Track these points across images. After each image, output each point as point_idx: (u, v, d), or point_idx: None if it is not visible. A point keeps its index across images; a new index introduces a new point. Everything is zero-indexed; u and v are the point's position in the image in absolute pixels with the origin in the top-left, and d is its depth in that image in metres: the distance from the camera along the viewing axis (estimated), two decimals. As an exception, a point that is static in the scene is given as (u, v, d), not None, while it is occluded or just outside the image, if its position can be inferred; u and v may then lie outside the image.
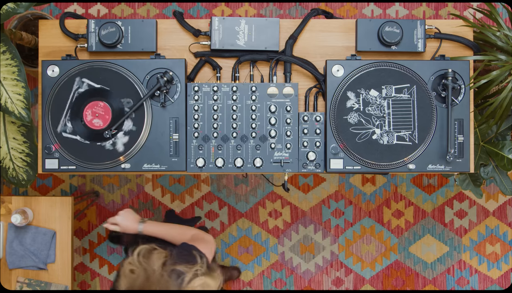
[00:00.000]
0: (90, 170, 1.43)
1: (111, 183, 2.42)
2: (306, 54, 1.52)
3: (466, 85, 1.45)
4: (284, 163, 1.44)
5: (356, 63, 1.44)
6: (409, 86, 1.43)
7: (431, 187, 2.46)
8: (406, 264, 2.47)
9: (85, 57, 1.50)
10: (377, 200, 2.45)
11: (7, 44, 1.44)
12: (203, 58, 1.50)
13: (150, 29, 1.47)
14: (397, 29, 1.45)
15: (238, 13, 2.45)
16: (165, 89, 1.40)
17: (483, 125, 1.69)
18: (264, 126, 1.44)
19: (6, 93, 1.44)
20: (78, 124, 1.42)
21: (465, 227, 2.46)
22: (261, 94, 1.43)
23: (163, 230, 1.42)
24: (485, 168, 1.76)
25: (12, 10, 1.43)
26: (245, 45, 1.48)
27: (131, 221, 1.43)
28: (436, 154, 1.44)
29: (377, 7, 2.46)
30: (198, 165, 1.43)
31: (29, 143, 1.60)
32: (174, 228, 1.44)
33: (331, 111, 1.43)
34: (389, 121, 1.43)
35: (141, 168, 1.43)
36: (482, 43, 1.57)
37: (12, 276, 1.84)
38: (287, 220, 2.45)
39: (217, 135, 1.44)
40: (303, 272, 2.46)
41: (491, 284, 2.48)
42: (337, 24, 1.52)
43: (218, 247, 2.44)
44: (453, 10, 2.45)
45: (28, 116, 1.45)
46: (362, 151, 1.43)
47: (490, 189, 2.46)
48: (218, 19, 1.47)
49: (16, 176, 1.63)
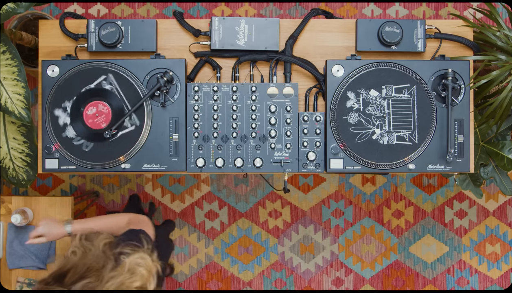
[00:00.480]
0: (90, 170, 1.43)
1: (111, 183, 2.42)
2: (306, 54, 1.52)
3: (466, 85, 1.45)
4: (284, 163, 1.44)
5: (356, 63, 1.44)
6: (409, 86, 1.43)
7: (431, 187, 2.46)
8: (406, 264, 2.47)
9: (85, 57, 1.50)
10: (377, 200, 2.45)
11: (7, 44, 1.44)
12: (203, 58, 1.50)
13: (150, 29, 1.47)
14: (397, 29, 1.45)
15: (238, 13, 2.45)
16: (165, 89, 1.40)
17: (483, 125, 1.69)
18: (264, 126, 1.44)
19: (6, 93, 1.44)
20: (78, 124, 1.42)
21: (465, 227, 2.46)
22: (261, 94, 1.43)
23: (95, 223, 1.33)
24: (485, 168, 1.76)
25: (12, 10, 1.43)
26: (245, 45, 1.48)
27: (55, 226, 1.35)
28: (436, 154, 1.44)
29: (377, 7, 2.46)
30: (198, 165, 1.43)
31: (29, 143, 1.60)
32: (107, 218, 1.37)
33: (331, 111, 1.43)
34: (389, 121, 1.43)
35: (141, 168, 1.43)
36: (482, 43, 1.57)
37: (12, 276, 1.84)
38: (287, 220, 2.45)
39: (217, 135, 1.44)
40: (303, 272, 2.46)
41: (491, 284, 2.48)
42: (337, 24, 1.52)
43: (218, 247, 2.45)
44: (453, 10, 2.45)
45: (28, 116, 1.45)
46: (362, 151, 1.43)
47: (490, 189, 2.46)
48: (218, 19, 1.47)
49: (16, 176, 1.63)
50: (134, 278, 1.05)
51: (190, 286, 2.44)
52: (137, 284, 1.05)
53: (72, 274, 1.01)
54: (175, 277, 2.44)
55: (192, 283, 2.44)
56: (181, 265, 2.44)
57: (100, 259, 1.07)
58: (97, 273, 1.03)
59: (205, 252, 2.45)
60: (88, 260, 1.05)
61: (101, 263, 1.06)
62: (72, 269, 1.02)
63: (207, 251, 2.45)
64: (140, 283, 1.06)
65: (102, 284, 1.01)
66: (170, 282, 2.44)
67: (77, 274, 1.01)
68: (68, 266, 1.04)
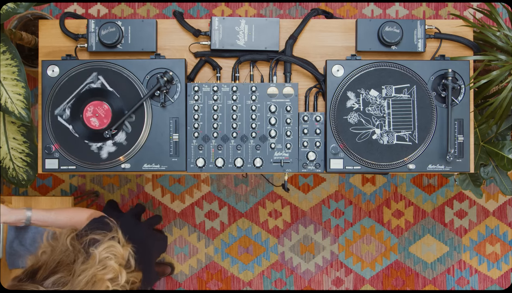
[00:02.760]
0: (90, 170, 1.43)
1: (111, 183, 2.42)
2: (306, 54, 1.52)
3: (466, 85, 1.45)
4: (284, 163, 1.44)
5: (356, 63, 1.44)
6: (409, 86, 1.43)
7: (431, 187, 2.46)
8: (406, 264, 2.47)
9: (85, 57, 1.50)
10: (377, 200, 2.45)
11: (7, 44, 1.44)
12: (203, 58, 1.50)
13: (150, 29, 1.47)
14: (397, 29, 1.45)
15: (238, 13, 2.45)
16: (165, 89, 1.40)
17: (483, 125, 1.69)
18: (264, 126, 1.44)
19: (6, 93, 1.44)
20: (78, 124, 1.42)
21: (465, 227, 2.46)
22: (261, 94, 1.43)
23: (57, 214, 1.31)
24: (485, 168, 1.76)
25: (12, 10, 1.43)
26: (245, 45, 1.48)
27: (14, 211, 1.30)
28: (436, 154, 1.44)
29: (377, 7, 2.46)
30: (198, 165, 1.43)
31: (29, 143, 1.60)
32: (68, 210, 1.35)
33: (331, 111, 1.43)
34: (389, 121, 1.43)
35: (141, 168, 1.43)
36: (482, 43, 1.57)
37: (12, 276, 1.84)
38: (287, 220, 2.45)
39: (217, 135, 1.44)
40: (303, 272, 2.46)
41: (491, 284, 2.48)
42: (337, 24, 1.52)
43: (218, 247, 2.45)
44: (453, 10, 2.45)
45: (28, 116, 1.45)
46: (362, 151, 1.43)
47: (490, 189, 2.46)
48: (218, 19, 1.47)
49: (16, 176, 1.63)
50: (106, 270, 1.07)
51: (190, 286, 2.44)
52: (110, 276, 1.07)
53: (43, 271, 1.02)
54: (175, 277, 2.44)
55: (192, 283, 2.45)
56: (181, 265, 2.44)
57: (70, 254, 1.08)
58: (68, 268, 1.04)
59: (205, 252, 2.45)
60: (57, 256, 1.06)
61: (71, 257, 1.07)
62: (44, 266, 1.04)
63: (207, 251, 2.45)
64: (112, 275, 1.08)
65: (74, 278, 1.02)
66: (170, 282, 2.44)
67: (48, 269, 1.03)
68: (40, 263, 1.05)
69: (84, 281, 1.02)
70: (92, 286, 1.03)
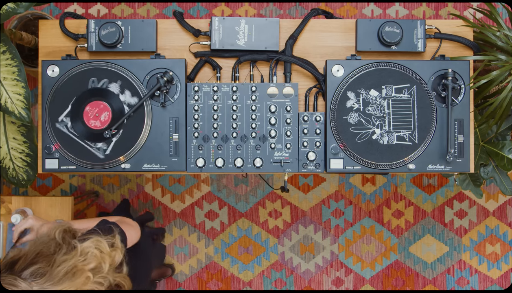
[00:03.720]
0: (90, 170, 1.43)
1: (111, 183, 2.42)
2: (306, 54, 1.52)
3: (466, 85, 1.45)
4: (284, 163, 1.44)
5: (356, 63, 1.44)
6: (409, 86, 1.43)
7: (431, 187, 2.46)
8: (406, 264, 2.47)
9: (85, 57, 1.50)
10: (377, 200, 2.45)
11: (7, 44, 1.44)
12: (203, 58, 1.50)
13: (150, 29, 1.47)
14: (397, 29, 1.45)
15: (238, 13, 2.45)
16: (165, 89, 1.40)
17: (483, 125, 1.69)
18: (264, 126, 1.44)
19: (6, 93, 1.44)
20: (78, 124, 1.42)
21: (465, 227, 2.46)
22: (261, 94, 1.43)
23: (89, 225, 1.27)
24: (485, 168, 1.76)
25: (12, 10, 1.43)
26: (245, 45, 1.48)
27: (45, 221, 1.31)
28: (436, 154, 1.44)
29: (377, 7, 2.46)
30: (198, 165, 1.43)
31: (29, 143, 1.60)
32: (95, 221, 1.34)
33: (331, 111, 1.43)
34: (389, 121, 1.43)
35: (141, 168, 1.43)
36: (482, 43, 1.57)
37: (12, 276, 1.84)
38: (287, 220, 2.45)
39: (217, 135, 1.44)
40: (303, 272, 2.46)
41: (491, 284, 2.48)
42: (337, 24, 1.52)
43: (218, 247, 2.45)
44: (453, 10, 2.45)
45: (28, 116, 1.45)
46: (362, 151, 1.43)
47: (490, 189, 2.46)
48: (218, 19, 1.47)
49: (16, 176, 1.63)
50: (88, 260, 1.05)
51: (190, 286, 2.44)
52: (91, 266, 1.05)
53: (22, 261, 1.01)
54: (175, 277, 2.44)
55: (192, 283, 2.45)
56: (181, 265, 2.44)
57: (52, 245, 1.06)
58: (48, 258, 1.02)
59: (205, 252, 2.45)
60: (37, 247, 1.05)
61: (52, 248, 1.05)
62: (23, 257, 1.02)
63: (207, 251, 2.45)
64: (94, 264, 1.06)
65: (53, 268, 1.00)
66: (170, 282, 2.44)
67: (27, 260, 1.01)
68: (20, 254, 1.04)
69: (63, 272, 1.00)
70: (72, 277, 1.01)
